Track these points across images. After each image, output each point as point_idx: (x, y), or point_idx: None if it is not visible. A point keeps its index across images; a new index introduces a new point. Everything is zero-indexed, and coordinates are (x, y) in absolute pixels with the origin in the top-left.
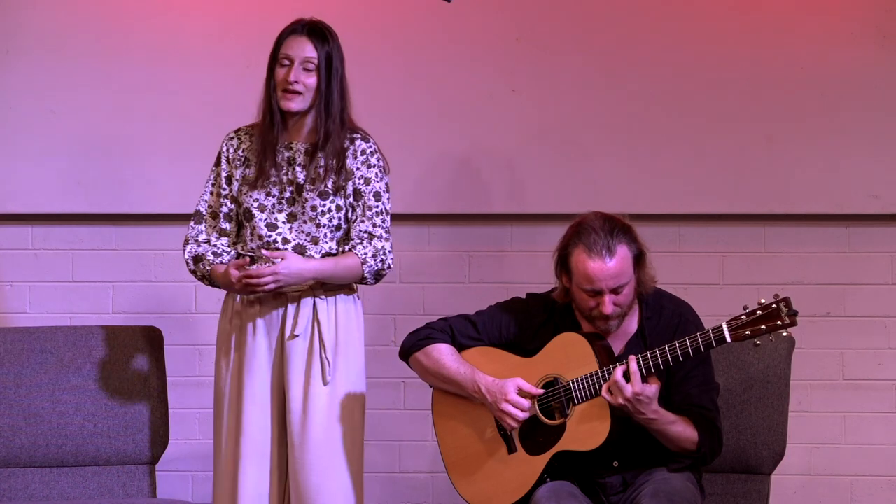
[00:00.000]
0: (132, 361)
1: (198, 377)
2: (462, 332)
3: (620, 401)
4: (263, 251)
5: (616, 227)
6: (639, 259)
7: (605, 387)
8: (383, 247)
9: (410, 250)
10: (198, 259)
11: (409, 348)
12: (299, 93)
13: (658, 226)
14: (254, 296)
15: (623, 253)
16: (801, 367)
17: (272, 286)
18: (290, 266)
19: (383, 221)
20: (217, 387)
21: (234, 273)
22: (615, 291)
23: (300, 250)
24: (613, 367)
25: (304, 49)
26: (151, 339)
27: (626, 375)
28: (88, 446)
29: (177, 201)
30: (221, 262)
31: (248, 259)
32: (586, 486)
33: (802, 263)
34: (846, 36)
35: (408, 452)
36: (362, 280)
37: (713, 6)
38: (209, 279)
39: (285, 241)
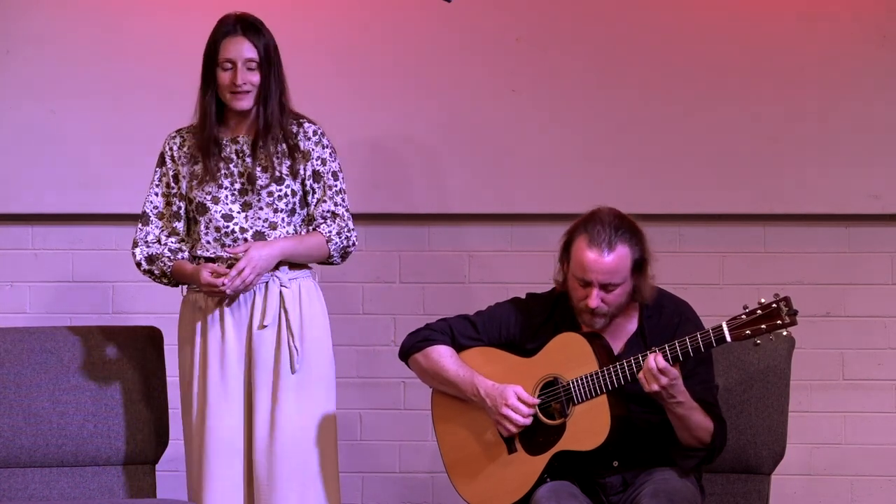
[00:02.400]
0: (132, 361)
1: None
2: (462, 332)
3: (656, 387)
4: (226, 251)
5: (624, 227)
6: (639, 265)
7: (640, 374)
8: (346, 224)
9: (410, 250)
10: (153, 259)
11: (409, 349)
12: (248, 92)
13: (658, 226)
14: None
15: (622, 252)
16: (801, 367)
17: (251, 277)
18: (260, 251)
19: (343, 200)
20: (184, 385)
21: (208, 279)
22: (605, 288)
23: (259, 237)
24: (613, 368)
25: (244, 50)
26: (151, 339)
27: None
28: (88, 446)
29: None
30: (184, 258)
31: (222, 267)
32: (586, 486)
33: (802, 263)
34: (847, 36)
35: (408, 452)
36: (329, 258)
37: (713, 6)
38: (168, 276)
39: (242, 230)
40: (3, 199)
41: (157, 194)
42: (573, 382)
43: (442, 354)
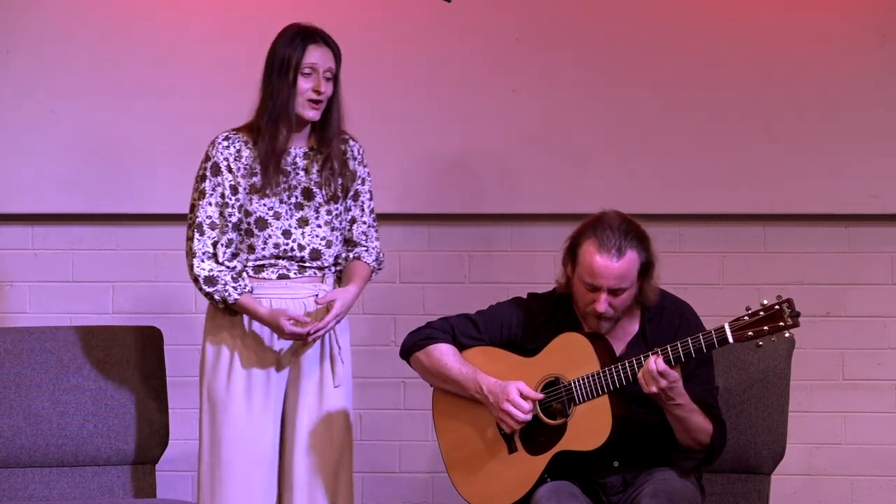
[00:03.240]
0: (132, 361)
1: (198, 377)
2: (463, 331)
3: (655, 389)
4: (317, 301)
5: (632, 232)
6: (645, 269)
7: (640, 376)
8: (378, 245)
9: (410, 250)
10: (212, 280)
11: (410, 348)
12: (322, 101)
13: (658, 226)
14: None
15: (631, 257)
16: (801, 367)
17: (333, 327)
18: (345, 303)
19: (374, 220)
20: (218, 393)
21: (292, 329)
22: (613, 292)
23: (315, 255)
24: (614, 369)
25: (327, 60)
26: (151, 339)
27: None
28: (88, 446)
29: (177, 201)
30: (248, 291)
31: (308, 320)
32: (587, 486)
33: (802, 263)
34: (846, 36)
35: (408, 452)
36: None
37: (713, 6)
38: (227, 304)
39: (301, 247)
40: (3, 199)
41: (210, 204)
42: (574, 382)
43: (444, 352)
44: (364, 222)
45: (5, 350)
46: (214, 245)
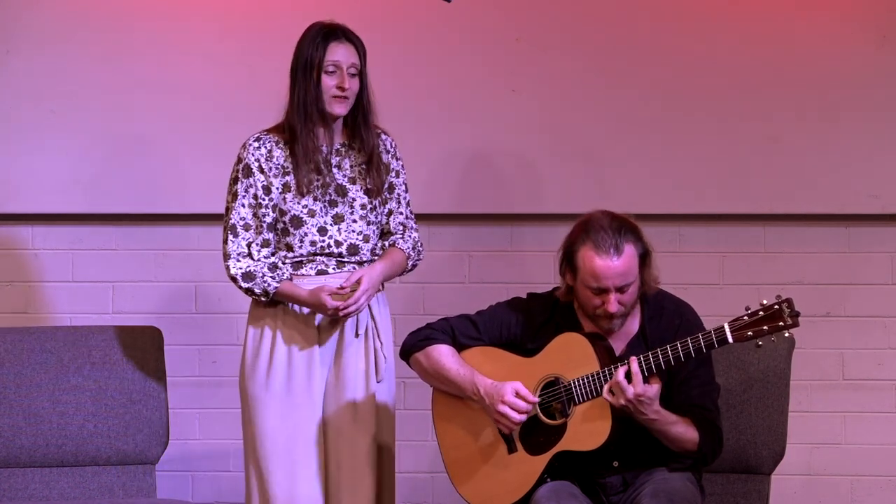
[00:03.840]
0: (132, 361)
1: (198, 377)
2: (463, 331)
3: (622, 402)
4: (343, 283)
5: (624, 226)
6: (644, 258)
7: (606, 388)
8: (417, 237)
9: None
10: (250, 276)
11: (410, 348)
12: (348, 97)
13: (658, 226)
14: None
15: (630, 252)
16: (801, 367)
17: (364, 304)
18: (372, 279)
19: (411, 212)
20: (258, 376)
21: (334, 304)
22: (620, 290)
23: (353, 250)
24: (615, 368)
25: (350, 56)
26: (151, 339)
27: (628, 376)
28: (88, 446)
29: (177, 201)
30: (288, 278)
31: (346, 288)
32: (586, 486)
33: (802, 263)
34: (846, 36)
35: (408, 452)
36: (405, 272)
37: (713, 6)
38: (268, 294)
39: (337, 243)
40: (3, 199)
41: (243, 206)
42: (574, 382)
43: (443, 353)
44: (401, 213)
45: (5, 350)
46: (248, 246)
